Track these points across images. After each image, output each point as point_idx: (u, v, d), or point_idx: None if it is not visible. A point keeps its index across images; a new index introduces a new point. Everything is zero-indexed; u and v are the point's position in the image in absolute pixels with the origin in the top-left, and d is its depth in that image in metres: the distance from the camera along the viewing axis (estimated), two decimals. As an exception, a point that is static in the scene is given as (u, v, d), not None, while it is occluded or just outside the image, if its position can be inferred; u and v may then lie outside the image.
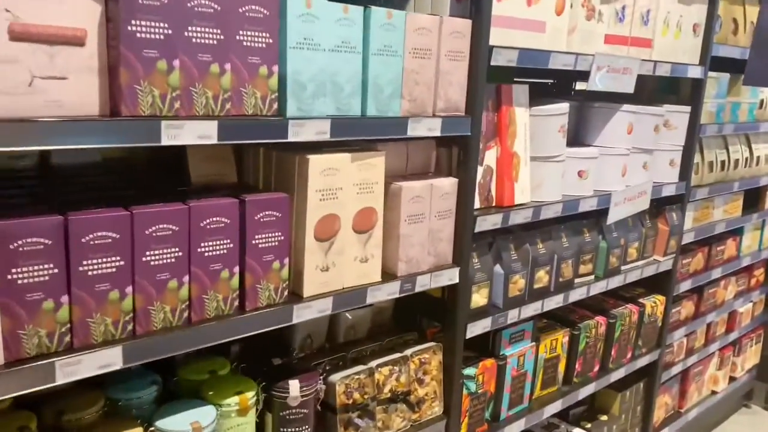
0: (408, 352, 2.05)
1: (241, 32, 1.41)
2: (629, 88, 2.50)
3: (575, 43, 2.24)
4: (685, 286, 3.28)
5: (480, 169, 2.10)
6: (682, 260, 3.20)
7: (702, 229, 3.28)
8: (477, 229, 2.07)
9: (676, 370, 3.44)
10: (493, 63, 1.95)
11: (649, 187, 2.76)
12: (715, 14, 2.86)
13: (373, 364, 1.93)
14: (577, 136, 2.68)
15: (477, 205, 2.11)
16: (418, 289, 1.94)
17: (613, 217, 2.61)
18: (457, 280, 2.05)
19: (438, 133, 1.87)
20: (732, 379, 4.07)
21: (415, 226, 1.90)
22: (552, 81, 3.38)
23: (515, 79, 3.14)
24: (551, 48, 2.15)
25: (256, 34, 1.44)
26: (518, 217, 2.20)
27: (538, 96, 2.33)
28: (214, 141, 1.40)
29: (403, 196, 1.85)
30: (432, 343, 2.13)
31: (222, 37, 1.38)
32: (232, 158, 1.77)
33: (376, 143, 1.89)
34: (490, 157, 2.14)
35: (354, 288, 1.77)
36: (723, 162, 3.30)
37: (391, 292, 1.86)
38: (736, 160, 3.39)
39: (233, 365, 1.78)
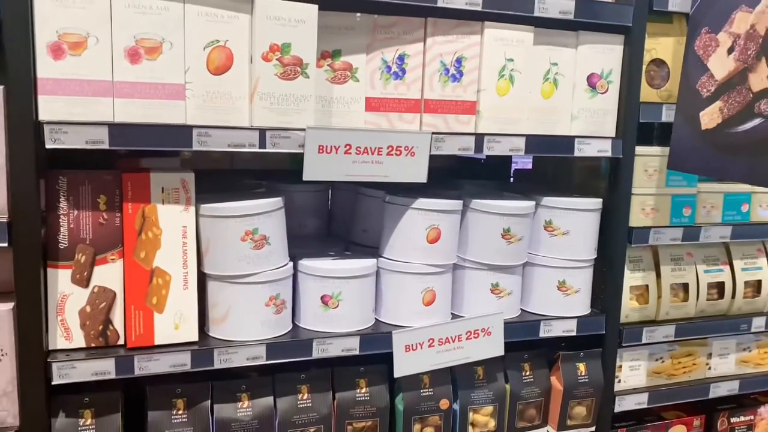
0: None
1: None
2: (416, 175, 1.65)
3: (262, 112, 1.51)
4: (647, 476, 2.09)
5: (82, 293, 1.48)
6: (627, 437, 2.05)
7: (674, 390, 2.07)
8: (61, 381, 1.44)
9: None
10: (58, 145, 1.36)
11: (496, 322, 1.79)
12: (636, 57, 1.82)
13: None
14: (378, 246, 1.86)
15: (80, 342, 1.49)
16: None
17: (404, 368, 1.72)
18: (19, 453, 1.43)
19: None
20: None
21: None
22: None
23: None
24: (197, 121, 1.47)
25: None
26: (158, 365, 1.50)
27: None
28: None
29: None
30: None
31: None
32: None
33: None
34: (107, 275, 1.50)
35: None
36: (720, 285, 2.09)
37: None
38: (756, 282, 2.13)
39: None
